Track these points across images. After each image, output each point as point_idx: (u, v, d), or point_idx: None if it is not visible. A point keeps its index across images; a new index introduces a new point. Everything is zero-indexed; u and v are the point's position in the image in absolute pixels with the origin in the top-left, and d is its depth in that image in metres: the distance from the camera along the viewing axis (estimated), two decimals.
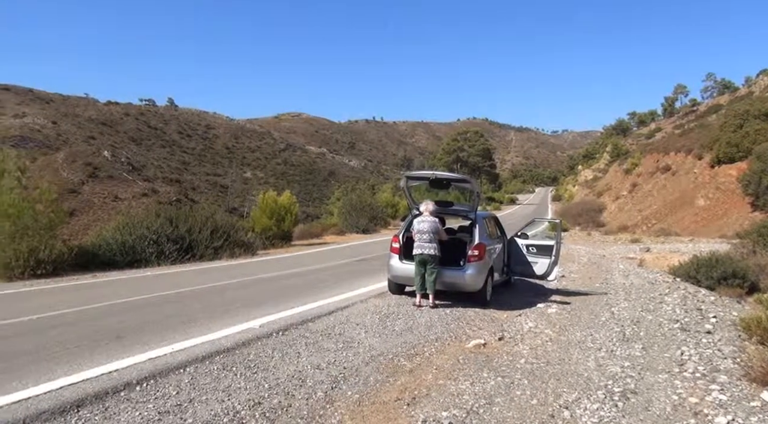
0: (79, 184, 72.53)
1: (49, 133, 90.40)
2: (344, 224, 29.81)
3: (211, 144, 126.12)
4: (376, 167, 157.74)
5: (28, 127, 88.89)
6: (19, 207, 12.50)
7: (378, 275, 11.45)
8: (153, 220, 15.27)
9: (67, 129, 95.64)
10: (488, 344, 6.55)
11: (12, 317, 7.17)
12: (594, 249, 20.01)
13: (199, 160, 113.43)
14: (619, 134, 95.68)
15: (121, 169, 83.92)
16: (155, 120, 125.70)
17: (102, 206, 68.91)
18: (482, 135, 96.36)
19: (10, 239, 11.91)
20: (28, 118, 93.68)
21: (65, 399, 4.22)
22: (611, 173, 66.17)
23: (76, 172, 75.58)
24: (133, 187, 78.01)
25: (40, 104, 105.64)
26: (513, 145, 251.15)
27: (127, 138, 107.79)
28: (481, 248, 8.75)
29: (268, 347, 5.99)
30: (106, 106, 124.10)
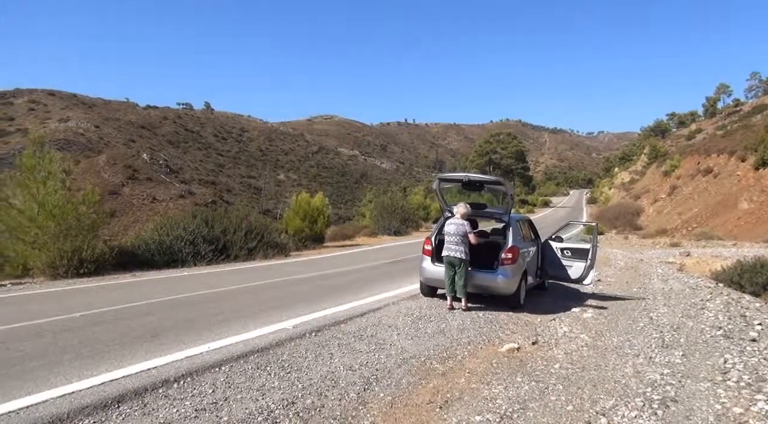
0: (119, 185, 74.88)
1: (92, 136, 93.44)
2: (376, 226, 29.87)
3: (246, 147, 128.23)
4: (408, 169, 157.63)
5: (71, 131, 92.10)
6: (64, 208, 12.96)
7: (410, 277, 11.43)
8: (189, 221, 15.60)
9: (109, 132, 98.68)
10: (522, 349, 6.46)
11: (57, 314, 7.43)
12: (631, 253, 19.52)
13: (233, 163, 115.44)
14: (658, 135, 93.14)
15: (159, 171, 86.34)
16: (192, 123, 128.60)
17: (141, 207, 70.98)
18: (515, 137, 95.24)
19: (55, 239, 12.34)
20: (71, 122, 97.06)
21: (106, 395, 4.35)
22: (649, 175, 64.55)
23: (116, 175, 78.05)
24: (170, 189, 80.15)
25: (83, 109, 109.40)
26: (547, 147, 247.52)
27: (165, 141, 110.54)
28: (515, 251, 8.64)
29: (302, 348, 6.04)
30: (145, 110, 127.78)
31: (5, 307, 8.21)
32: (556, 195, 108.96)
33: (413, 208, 35.77)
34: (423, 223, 35.88)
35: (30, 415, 3.90)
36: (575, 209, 66.21)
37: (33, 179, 13.17)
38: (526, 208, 62.49)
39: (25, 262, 12.19)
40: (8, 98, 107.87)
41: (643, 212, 48.54)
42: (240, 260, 15.30)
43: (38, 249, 12.28)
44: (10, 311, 7.76)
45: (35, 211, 12.73)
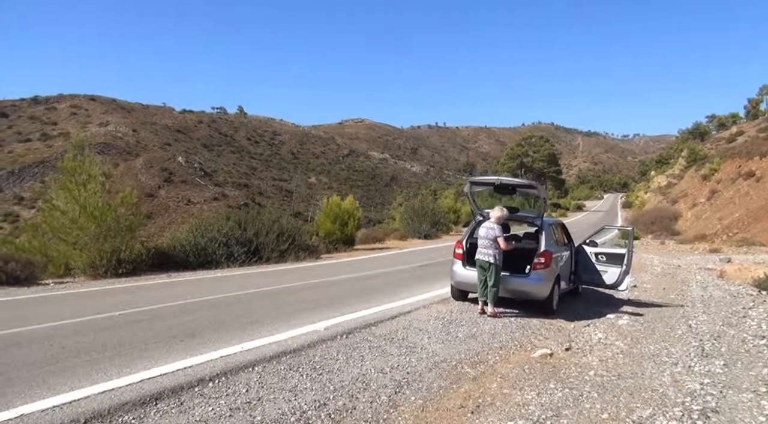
0: (155, 188, 76.83)
1: (130, 140, 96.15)
2: (406, 229, 29.85)
3: (278, 150, 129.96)
4: (438, 173, 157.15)
5: (111, 135, 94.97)
6: (103, 210, 13.37)
7: (440, 280, 11.39)
8: (223, 223, 15.89)
9: (146, 136, 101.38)
10: (555, 355, 6.37)
11: (98, 312, 7.66)
12: (668, 259, 19.02)
13: (266, 166, 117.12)
14: (696, 138, 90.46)
15: (193, 174, 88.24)
16: (226, 127, 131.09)
17: (176, 209, 72.66)
18: (548, 140, 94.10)
19: (95, 240, 12.74)
20: (111, 126, 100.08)
21: (145, 392, 4.47)
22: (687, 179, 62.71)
23: (153, 177, 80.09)
24: (204, 191, 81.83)
25: (122, 113, 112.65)
26: (580, 150, 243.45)
27: (199, 144, 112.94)
28: (548, 255, 8.53)
29: (333, 350, 6.09)
30: (181, 114, 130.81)
31: (49, 305, 8.52)
32: (589, 199, 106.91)
33: (443, 212, 35.58)
34: (453, 226, 35.68)
35: (73, 410, 4.04)
36: (609, 213, 64.82)
37: (74, 182, 13.62)
38: (559, 212, 61.53)
39: (67, 262, 12.61)
40: (52, 103, 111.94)
41: (680, 216, 47.18)
42: (272, 262, 15.50)
43: (79, 249, 12.70)
44: (54, 309, 8.05)
45: (77, 212, 13.16)
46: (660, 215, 47.05)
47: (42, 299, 9.10)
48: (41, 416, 3.91)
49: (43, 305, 8.53)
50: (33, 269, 11.13)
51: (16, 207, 74.26)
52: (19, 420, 3.83)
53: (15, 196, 77.22)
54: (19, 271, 10.66)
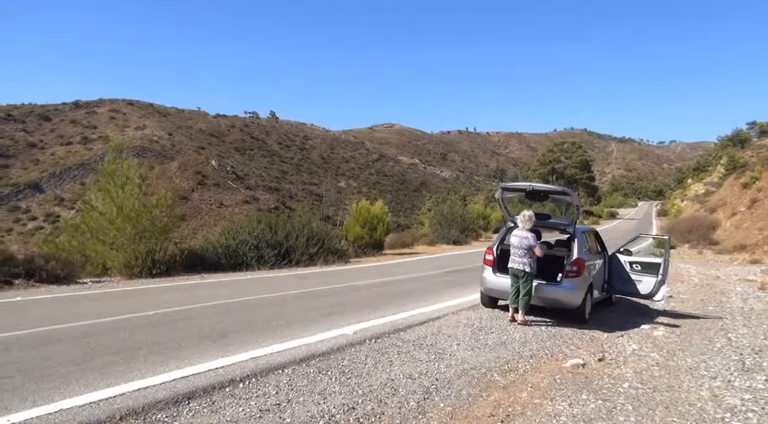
0: (189, 191, 78.42)
1: (165, 144, 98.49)
2: (435, 235, 29.73)
3: (308, 154, 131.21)
4: (468, 178, 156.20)
5: (147, 138, 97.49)
6: (140, 212, 13.72)
7: (470, 287, 11.29)
8: (254, 226, 16.10)
9: (181, 140, 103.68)
10: (587, 365, 6.24)
11: (133, 312, 7.85)
12: (706, 269, 18.45)
13: (296, 170, 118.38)
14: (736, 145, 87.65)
15: (226, 177, 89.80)
16: (258, 131, 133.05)
17: (208, 212, 74.01)
18: (580, 146, 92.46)
19: (131, 241, 13.08)
20: (147, 130, 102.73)
21: (178, 391, 4.55)
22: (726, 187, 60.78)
23: (187, 180, 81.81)
24: (236, 194, 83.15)
25: (158, 117, 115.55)
26: (614, 157, 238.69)
27: (232, 148, 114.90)
28: (580, 263, 8.37)
29: (362, 354, 6.09)
30: (215, 118, 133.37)
31: (87, 303, 8.76)
32: (623, 206, 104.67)
33: (473, 218, 35.31)
34: (483, 232, 35.37)
35: (110, 406, 4.14)
36: (644, 222, 63.32)
37: (113, 184, 14.01)
38: (591, 220, 60.38)
39: (105, 261, 12.96)
40: (92, 108, 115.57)
41: (718, 225, 45.74)
42: (301, 266, 15.63)
43: (116, 250, 13.04)
44: (92, 308, 8.27)
45: (114, 214, 13.54)
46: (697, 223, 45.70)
47: (80, 297, 9.38)
48: (79, 412, 4.01)
49: (82, 303, 8.78)
50: (72, 268, 11.47)
51: (57, 208, 76.84)
52: (59, 415, 3.94)
53: (56, 197, 79.91)
54: (59, 270, 11.00)
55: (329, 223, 46.77)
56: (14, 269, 10.53)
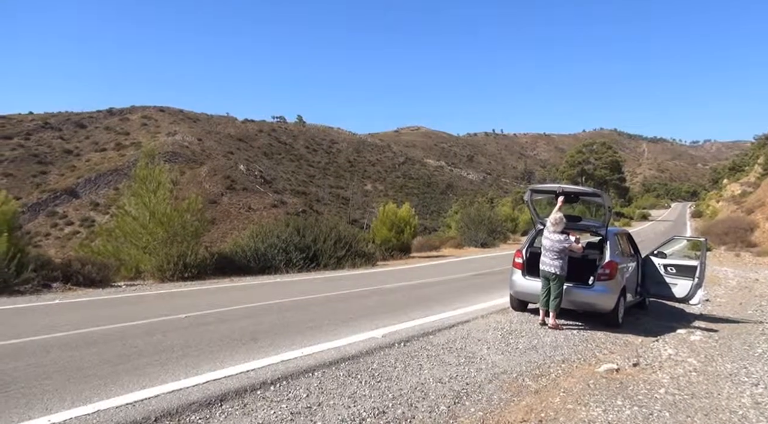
0: (218, 195, 79.73)
1: (195, 149, 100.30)
2: (462, 238, 29.56)
3: (335, 158, 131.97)
4: (495, 180, 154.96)
5: (178, 144, 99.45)
6: (171, 216, 13.96)
7: (498, 290, 11.18)
8: (282, 229, 16.25)
9: (210, 145, 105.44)
10: (621, 370, 6.10)
11: (166, 314, 7.99)
12: (744, 272, 17.89)
13: (323, 174, 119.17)
14: None
15: (254, 181, 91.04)
16: (285, 136, 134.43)
17: (237, 216, 75.09)
18: (610, 146, 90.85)
19: (163, 245, 13.31)
20: (178, 135, 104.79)
21: (210, 393, 4.61)
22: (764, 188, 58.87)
23: (216, 185, 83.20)
24: (264, 198, 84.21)
25: (188, 123, 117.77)
26: (645, 158, 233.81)
27: (260, 153, 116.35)
28: (613, 266, 8.21)
29: (391, 357, 6.08)
30: (243, 123, 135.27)
31: (122, 306, 8.97)
32: (655, 208, 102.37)
33: (501, 220, 35.00)
34: (511, 235, 35.02)
35: (144, 408, 4.22)
36: (677, 223, 61.79)
37: (145, 189, 14.30)
38: (622, 222, 59.21)
39: (138, 265, 13.23)
40: (125, 114, 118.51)
41: (757, 227, 44.31)
42: (329, 269, 15.70)
43: (149, 253, 13.29)
44: (126, 310, 8.46)
45: (147, 218, 13.80)
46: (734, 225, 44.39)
47: (115, 300, 9.60)
48: (116, 412, 4.10)
49: (116, 306, 8.99)
50: (107, 271, 11.74)
51: (92, 212, 78.95)
52: (96, 415, 4.03)
53: (91, 203, 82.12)
54: (94, 273, 11.28)
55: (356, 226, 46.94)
56: (52, 272, 10.83)
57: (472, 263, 19.59)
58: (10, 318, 7.61)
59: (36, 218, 77.17)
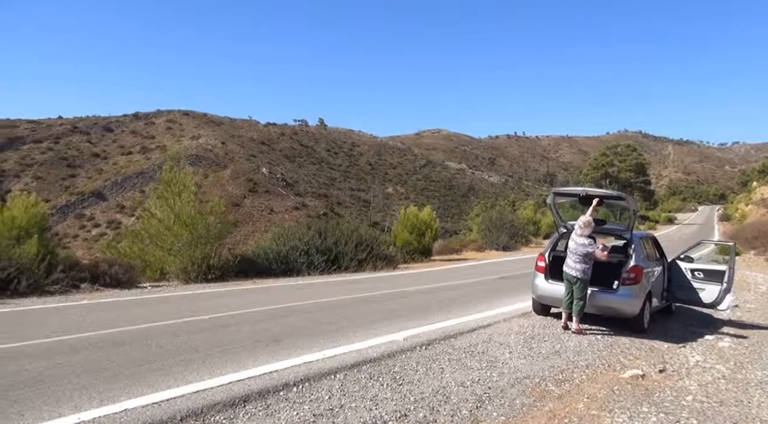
0: (241, 198, 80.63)
1: (219, 152, 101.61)
2: (484, 241, 29.41)
3: (356, 161, 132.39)
4: (517, 183, 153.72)
5: (202, 147, 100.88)
6: (195, 218, 14.16)
7: (520, 294, 11.09)
8: (304, 232, 16.37)
9: (233, 149, 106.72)
10: (647, 376, 6.00)
11: (190, 315, 8.11)
12: None
13: (344, 176, 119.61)
14: None
15: (276, 184, 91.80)
16: (307, 139, 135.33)
17: (259, 218, 75.81)
18: (635, 149, 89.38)
19: (187, 247, 13.50)
20: (202, 139, 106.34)
21: (234, 394, 4.66)
22: None
23: (239, 187, 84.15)
24: (286, 201, 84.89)
25: (212, 127, 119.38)
26: (671, 160, 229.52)
27: (282, 156, 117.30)
28: (638, 270, 8.07)
29: (412, 361, 6.08)
30: (265, 127, 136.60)
31: (147, 307, 9.13)
32: (681, 211, 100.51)
33: (522, 223, 34.73)
34: (533, 238, 34.72)
35: (171, 407, 4.29)
36: (705, 227, 60.53)
37: (170, 192, 14.53)
38: (647, 225, 58.25)
39: (163, 266, 13.45)
40: (150, 119, 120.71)
41: None
42: (350, 271, 15.75)
43: (173, 255, 13.50)
44: (152, 311, 8.61)
45: (172, 220, 14.02)
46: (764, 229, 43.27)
47: (141, 301, 9.77)
48: (143, 412, 4.18)
49: (142, 306, 9.15)
50: (133, 272, 11.98)
51: (119, 215, 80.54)
52: (124, 414, 4.11)
53: (118, 205, 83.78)
54: (121, 274, 11.51)
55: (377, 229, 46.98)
56: (81, 273, 11.08)
57: (493, 266, 19.46)
58: (41, 318, 7.81)
59: (65, 220, 79.03)
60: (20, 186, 78.35)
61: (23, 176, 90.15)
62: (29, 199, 11.66)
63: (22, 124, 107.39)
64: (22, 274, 9.70)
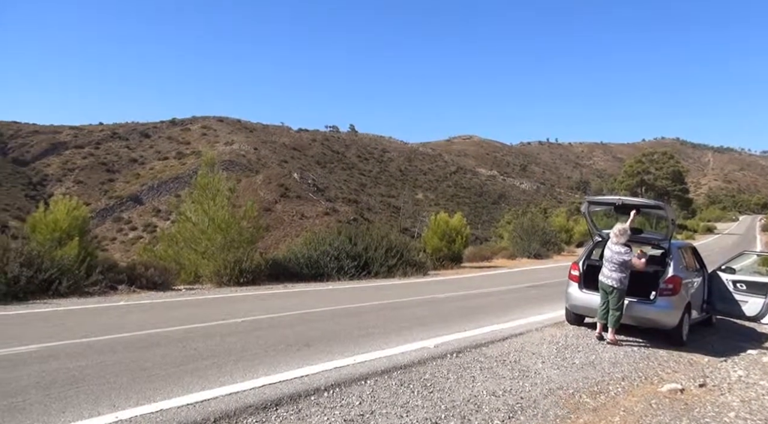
0: (272, 202, 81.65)
1: (251, 158, 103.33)
2: (515, 248, 29.01)
3: (386, 167, 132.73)
4: (549, 190, 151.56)
5: (235, 153, 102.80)
6: (229, 222, 14.41)
7: (553, 302, 10.90)
8: (335, 237, 16.45)
9: (265, 154, 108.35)
10: (687, 390, 5.82)
11: (223, 318, 8.24)
12: None
13: (374, 182, 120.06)
14: None
15: (307, 189, 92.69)
16: (338, 145, 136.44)
17: (291, 223, 76.62)
18: (672, 156, 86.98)
19: (221, 250, 13.75)
20: (235, 144, 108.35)
21: (266, 397, 4.70)
22: None
23: (271, 192, 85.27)
24: (316, 206, 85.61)
25: (245, 133, 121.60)
26: (710, 168, 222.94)
27: (313, 161, 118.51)
28: (677, 280, 7.85)
29: (443, 368, 6.03)
30: (297, 132, 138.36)
31: (182, 309, 9.31)
32: (721, 220, 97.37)
33: (555, 231, 34.13)
34: (565, 246, 34.10)
35: (204, 409, 4.35)
36: (746, 237, 58.46)
37: (205, 196, 14.84)
38: (685, 234, 56.59)
39: (196, 270, 13.71)
40: (186, 125, 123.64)
41: None
42: (380, 277, 15.75)
43: (207, 259, 13.75)
44: (186, 313, 8.78)
45: (206, 224, 14.31)
46: None
47: (176, 303, 9.98)
48: (177, 412, 4.25)
49: (177, 308, 9.34)
50: (168, 275, 12.23)
51: (155, 218, 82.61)
52: (159, 414, 4.19)
53: (154, 209, 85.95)
54: (156, 276, 11.76)
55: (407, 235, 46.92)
56: (118, 275, 11.37)
57: (525, 274, 19.20)
58: (81, 318, 8.05)
59: (103, 223, 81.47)
60: (62, 190, 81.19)
61: (65, 180, 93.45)
62: (71, 203, 12.04)
63: (65, 130, 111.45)
64: (64, 275, 10.01)
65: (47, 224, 11.46)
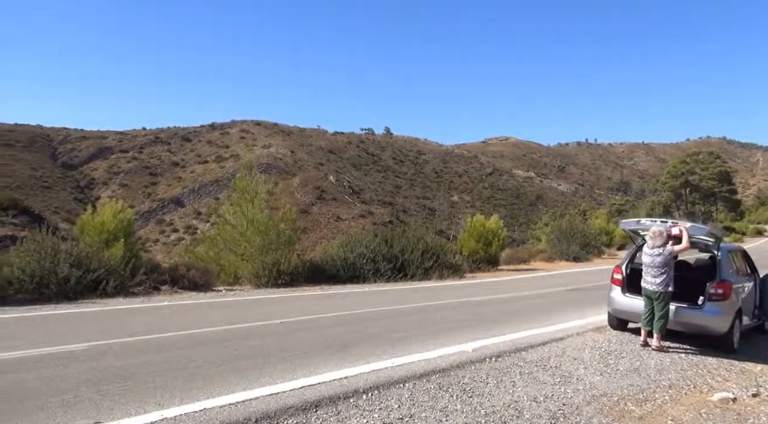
0: (309, 205, 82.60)
1: (288, 161, 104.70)
2: (553, 251, 28.51)
3: (421, 169, 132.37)
4: (588, 192, 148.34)
5: (272, 156, 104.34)
6: (267, 225, 14.63)
7: (594, 306, 10.63)
8: (371, 239, 16.50)
9: (302, 157, 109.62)
10: (739, 400, 5.57)
11: (262, 319, 8.37)
12: None
13: (409, 184, 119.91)
14: None
15: (343, 192, 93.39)
16: (373, 147, 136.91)
17: (327, 225, 77.34)
18: (718, 156, 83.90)
19: (259, 252, 13.97)
20: (272, 148, 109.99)
21: (306, 398, 4.74)
22: None
23: (307, 195, 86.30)
24: (352, 208, 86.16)
25: (282, 136, 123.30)
26: (760, 168, 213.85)
27: (348, 164, 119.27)
28: (727, 285, 7.54)
29: (482, 372, 5.95)
30: (333, 135, 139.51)
31: (223, 310, 9.50)
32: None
33: (594, 233, 33.36)
34: (606, 249, 33.30)
35: (246, 409, 4.41)
36: None
37: (244, 199, 15.11)
38: (733, 237, 54.46)
39: (236, 271, 13.96)
40: (225, 129, 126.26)
41: None
42: (416, 279, 15.70)
43: (246, 260, 14.00)
44: (227, 314, 8.95)
45: (245, 227, 14.56)
46: None
47: (216, 303, 10.19)
48: (220, 412, 4.32)
49: (218, 309, 9.54)
50: (209, 276, 12.50)
51: (195, 221, 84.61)
52: (203, 413, 4.27)
53: (194, 211, 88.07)
54: (197, 278, 12.04)
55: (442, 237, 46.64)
56: (161, 276, 11.70)
57: (563, 277, 18.83)
58: (127, 317, 8.31)
59: (147, 225, 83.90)
60: (108, 193, 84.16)
61: (111, 184, 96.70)
62: (117, 206, 12.45)
63: (111, 135, 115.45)
64: (110, 275, 10.35)
65: (95, 226, 11.88)
